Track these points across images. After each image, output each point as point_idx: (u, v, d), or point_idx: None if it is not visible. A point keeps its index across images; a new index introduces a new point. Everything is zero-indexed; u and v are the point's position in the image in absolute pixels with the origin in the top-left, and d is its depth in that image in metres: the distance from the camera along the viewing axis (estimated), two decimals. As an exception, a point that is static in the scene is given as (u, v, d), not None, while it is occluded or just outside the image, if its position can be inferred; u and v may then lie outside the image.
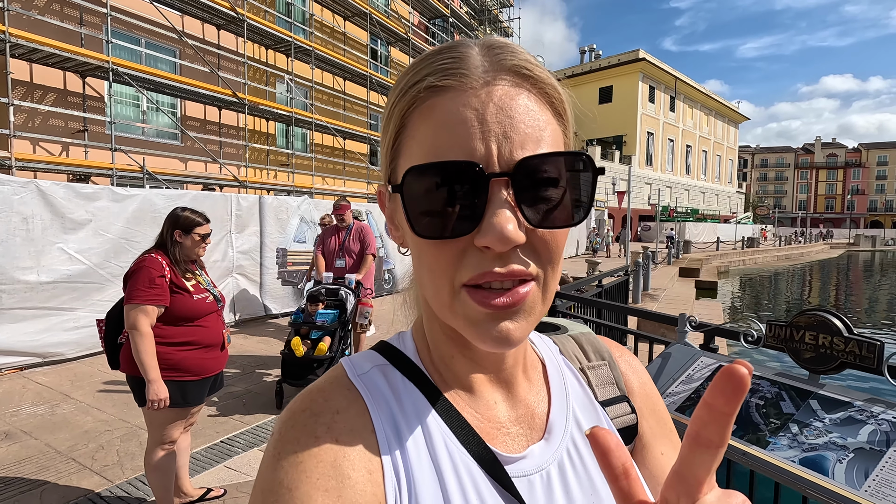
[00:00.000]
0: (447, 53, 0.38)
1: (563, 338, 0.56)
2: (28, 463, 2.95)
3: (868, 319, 12.88)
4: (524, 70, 0.37)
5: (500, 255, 0.35)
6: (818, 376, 1.72)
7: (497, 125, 0.35)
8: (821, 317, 1.71)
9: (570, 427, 0.47)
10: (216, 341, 2.39)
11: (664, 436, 0.53)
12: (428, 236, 0.36)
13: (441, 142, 0.35)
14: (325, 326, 4.02)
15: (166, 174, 10.28)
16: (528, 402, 0.47)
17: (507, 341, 0.36)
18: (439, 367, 0.45)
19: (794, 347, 1.78)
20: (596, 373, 0.53)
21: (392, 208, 0.43)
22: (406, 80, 0.39)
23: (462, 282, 0.36)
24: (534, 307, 0.37)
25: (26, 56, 8.84)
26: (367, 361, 0.46)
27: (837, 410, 1.56)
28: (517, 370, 0.47)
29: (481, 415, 0.44)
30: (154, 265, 2.21)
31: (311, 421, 0.39)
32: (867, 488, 1.31)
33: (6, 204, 4.37)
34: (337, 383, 0.43)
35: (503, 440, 0.44)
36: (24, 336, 4.50)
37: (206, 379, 2.35)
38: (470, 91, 0.36)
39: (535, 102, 0.37)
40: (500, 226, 0.33)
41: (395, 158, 0.40)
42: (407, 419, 0.41)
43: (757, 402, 1.73)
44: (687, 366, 2.06)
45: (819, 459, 1.44)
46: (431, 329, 0.45)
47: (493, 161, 0.34)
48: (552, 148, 0.36)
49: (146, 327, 2.14)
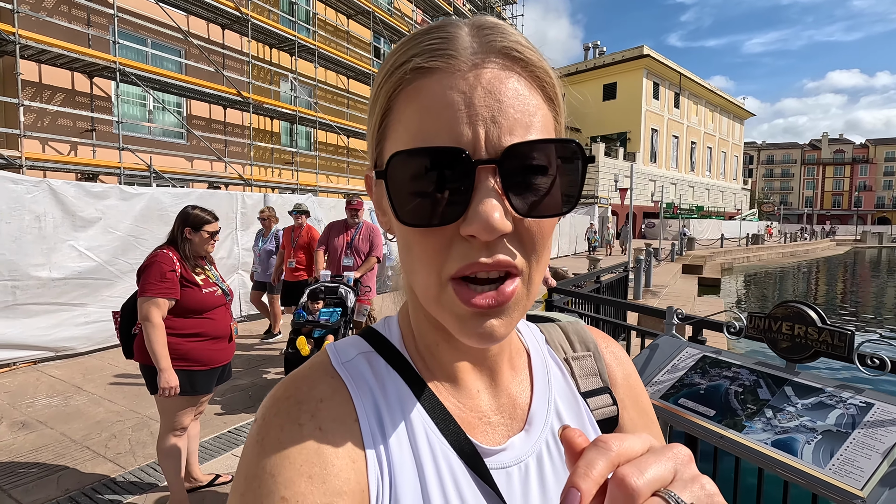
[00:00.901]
0: (435, 33, 0.36)
1: (550, 327, 0.56)
2: (45, 451, 3.08)
3: (872, 315, 12.88)
4: (514, 52, 0.36)
5: (486, 245, 0.34)
6: (794, 364, 1.80)
7: (485, 109, 0.34)
8: (796, 308, 1.79)
9: (550, 418, 0.47)
10: (224, 333, 2.51)
11: (646, 427, 0.53)
12: (412, 224, 0.35)
13: (427, 126, 0.34)
14: (328, 324, 4.12)
15: (172, 173, 10.42)
16: (510, 392, 0.47)
17: (491, 338, 0.36)
18: (424, 355, 0.45)
19: (771, 337, 1.86)
20: (580, 363, 0.53)
21: (379, 193, 0.42)
22: (392, 60, 0.38)
23: (449, 274, 0.35)
24: (518, 303, 0.37)
25: (35, 57, 8.99)
26: (352, 348, 0.45)
27: (810, 396, 1.65)
28: (502, 358, 0.47)
29: (464, 404, 0.44)
30: (165, 260, 2.32)
31: (295, 408, 0.39)
32: (831, 466, 1.40)
33: (19, 203, 4.51)
34: (321, 370, 0.43)
35: (484, 430, 0.44)
36: (37, 331, 4.64)
37: (215, 369, 2.46)
38: (458, 73, 0.35)
39: (525, 86, 0.36)
40: (487, 214, 0.33)
41: (381, 142, 0.39)
42: (390, 408, 0.41)
43: (736, 390, 1.82)
44: (673, 356, 2.15)
45: (789, 441, 1.53)
46: (417, 317, 0.45)
47: (480, 147, 0.33)
48: (542, 134, 0.35)
49: (158, 319, 2.26)
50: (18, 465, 2.90)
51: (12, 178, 4.52)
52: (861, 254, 36.78)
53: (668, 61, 37.73)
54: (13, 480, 2.74)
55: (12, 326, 4.49)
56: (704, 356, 2.05)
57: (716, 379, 1.91)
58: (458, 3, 20.63)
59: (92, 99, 10.20)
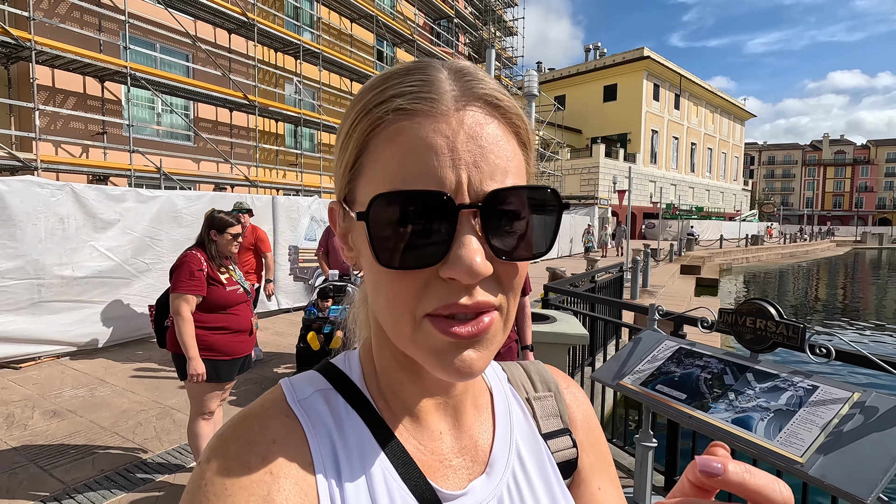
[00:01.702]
0: (415, 75, 0.37)
1: (511, 365, 0.56)
2: (77, 436, 3.33)
3: (868, 316, 13.09)
4: (494, 99, 0.37)
5: (465, 287, 0.35)
6: (756, 354, 2.04)
7: (468, 154, 0.34)
8: (758, 305, 2.03)
9: (511, 460, 0.46)
10: (245, 327, 2.76)
11: (602, 470, 0.53)
12: (393, 267, 0.34)
13: (408, 168, 0.34)
14: (337, 321, 4.37)
15: (180, 174, 10.69)
16: (472, 433, 0.47)
17: (470, 371, 0.36)
18: (385, 394, 0.44)
19: (738, 331, 2.11)
20: (541, 404, 0.53)
21: (346, 228, 0.42)
22: (369, 98, 0.37)
23: (425, 312, 0.35)
24: (495, 336, 0.37)
25: (49, 62, 9.25)
26: (309, 385, 0.44)
27: (767, 381, 1.89)
28: (466, 397, 0.47)
29: (425, 446, 0.44)
30: (194, 261, 2.58)
31: (245, 451, 0.37)
32: (779, 439, 1.65)
33: (46, 205, 4.77)
34: (275, 409, 0.41)
35: (444, 474, 0.43)
36: (61, 326, 4.90)
37: (237, 359, 2.71)
38: (441, 117, 0.35)
39: (502, 132, 0.37)
40: (469, 258, 0.33)
41: (354, 179, 0.39)
42: (348, 451, 0.40)
43: (705, 377, 2.07)
44: (653, 348, 2.40)
45: (746, 419, 1.77)
46: (381, 355, 0.44)
47: (462, 191, 0.34)
48: (518, 179, 0.37)
49: (187, 313, 2.52)
50: (55, 449, 3.15)
51: (38, 181, 4.78)
52: (861, 255, 36.93)
53: (669, 63, 37.96)
54: (52, 462, 2.99)
55: (38, 322, 4.75)
56: (681, 348, 2.30)
57: (689, 368, 2.16)
58: (460, 7, 20.86)
59: (103, 102, 10.47)
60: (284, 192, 13.22)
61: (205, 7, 11.34)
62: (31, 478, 2.83)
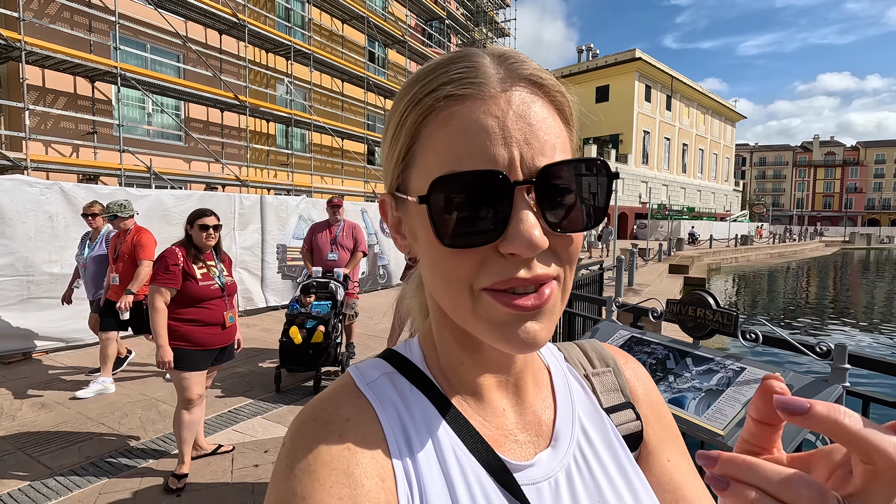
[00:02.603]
0: (461, 63, 0.38)
1: (567, 345, 0.57)
2: (65, 426, 3.45)
3: (846, 315, 13.37)
4: (538, 78, 0.39)
5: (524, 261, 0.36)
6: (697, 341, 2.20)
7: (518, 132, 0.36)
8: (699, 295, 2.20)
9: (576, 434, 0.47)
10: (217, 321, 2.90)
11: (670, 441, 0.52)
12: (458, 246, 0.36)
13: (461, 150, 0.36)
14: (319, 316, 4.50)
15: (171, 174, 10.77)
16: (535, 409, 0.47)
17: (534, 342, 0.37)
18: (448, 374, 0.46)
19: (681, 319, 2.27)
20: (601, 379, 0.53)
21: (399, 217, 0.43)
22: (417, 89, 0.38)
23: (482, 286, 0.36)
24: (555, 307, 0.38)
25: (39, 62, 9.32)
26: (375, 370, 0.46)
27: (703, 364, 2.05)
28: (527, 374, 0.48)
29: (489, 422, 0.45)
30: (171, 256, 2.74)
31: (322, 429, 0.39)
32: (706, 415, 1.81)
33: (35, 204, 4.87)
34: (346, 391, 0.43)
35: (511, 447, 0.44)
36: (51, 323, 5.00)
37: (209, 350, 2.86)
38: (489, 99, 0.36)
39: (548, 110, 0.38)
40: (528, 233, 0.34)
41: (407, 168, 0.40)
42: (416, 427, 0.42)
43: (651, 362, 2.23)
44: (608, 338, 2.56)
45: (681, 399, 1.93)
46: (442, 335, 0.46)
47: (515, 168, 0.35)
48: (566, 154, 0.38)
49: (160, 304, 2.70)
50: (43, 438, 3.27)
51: (28, 181, 4.88)
52: (849, 255, 37.42)
53: (660, 64, 38.32)
54: (40, 450, 3.11)
55: (27, 318, 4.85)
56: (632, 336, 2.46)
57: (637, 354, 2.31)
58: (452, 8, 21.02)
59: (93, 102, 10.53)
60: (276, 192, 13.31)
61: (195, 8, 11.43)
62: (19, 464, 2.95)
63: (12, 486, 2.72)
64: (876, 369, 1.78)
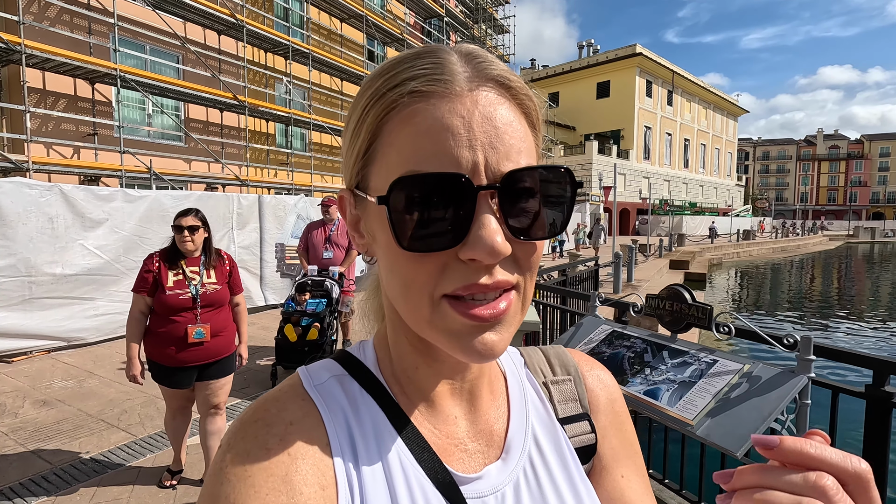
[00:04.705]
0: (427, 58, 0.37)
1: (531, 350, 0.55)
2: (65, 423, 3.54)
3: (846, 310, 13.36)
4: (506, 80, 0.38)
5: (485, 267, 0.35)
6: (675, 334, 2.25)
7: (483, 134, 0.34)
8: (676, 290, 2.25)
9: (528, 445, 0.46)
10: (175, 336, 2.53)
11: (628, 458, 0.51)
12: (416, 250, 0.35)
13: (424, 149, 0.34)
14: (314, 314, 4.57)
15: (171, 174, 10.86)
16: (488, 417, 0.46)
17: (492, 353, 0.36)
18: (400, 379, 0.44)
19: (659, 313, 2.32)
20: (559, 388, 0.52)
21: (357, 215, 0.42)
22: (381, 83, 0.37)
23: (443, 292, 0.35)
24: (514, 317, 0.37)
25: (39, 65, 9.41)
26: (325, 371, 0.44)
27: (678, 357, 2.11)
28: (482, 381, 0.46)
29: (439, 430, 0.44)
30: (148, 261, 2.59)
31: (263, 432, 0.38)
32: (678, 406, 1.87)
33: (35, 206, 4.96)
34: (292, 393, 0.42)
35: (460, 458, 0.43)
36: (52, 322, 5.10)
37: (172, 368, 2.56)
38: (455, 98, 0.35)
39: (514, 114, 0.37)
40: (490, 238, 0.33)
41: (367, 165, 0.39)
42: (363, 433, 0.40)
43: (629, 355, 2.28)
44: (591, 332, 2.61)
45: (656, 390, 1.99)
46: (397, 339, 0.44)
47: (479, 172, 0.34)
48: (530, 159, 0.37)
49: (135, 311, 2.57)
50: (44, 434, 3.36)
51: (28, 183, 4.97)
52: (853, 249, 37.25)
53: (661, 59, 38.18)
54: (41, 445, 3.20)
55: (29, 318, 4.94)
56: (614, 331, 2.51)
57: (617, 348, 2.37)
58: (451, 6, 21.01)
59: (93, 104, 10.63)
60: (276, 191, 13.39)
61: (194, 9, 11.50)
62: (21, 459, 3.03)
63: (13, 481, 2.80)
64: (841, 360, 1.83)
